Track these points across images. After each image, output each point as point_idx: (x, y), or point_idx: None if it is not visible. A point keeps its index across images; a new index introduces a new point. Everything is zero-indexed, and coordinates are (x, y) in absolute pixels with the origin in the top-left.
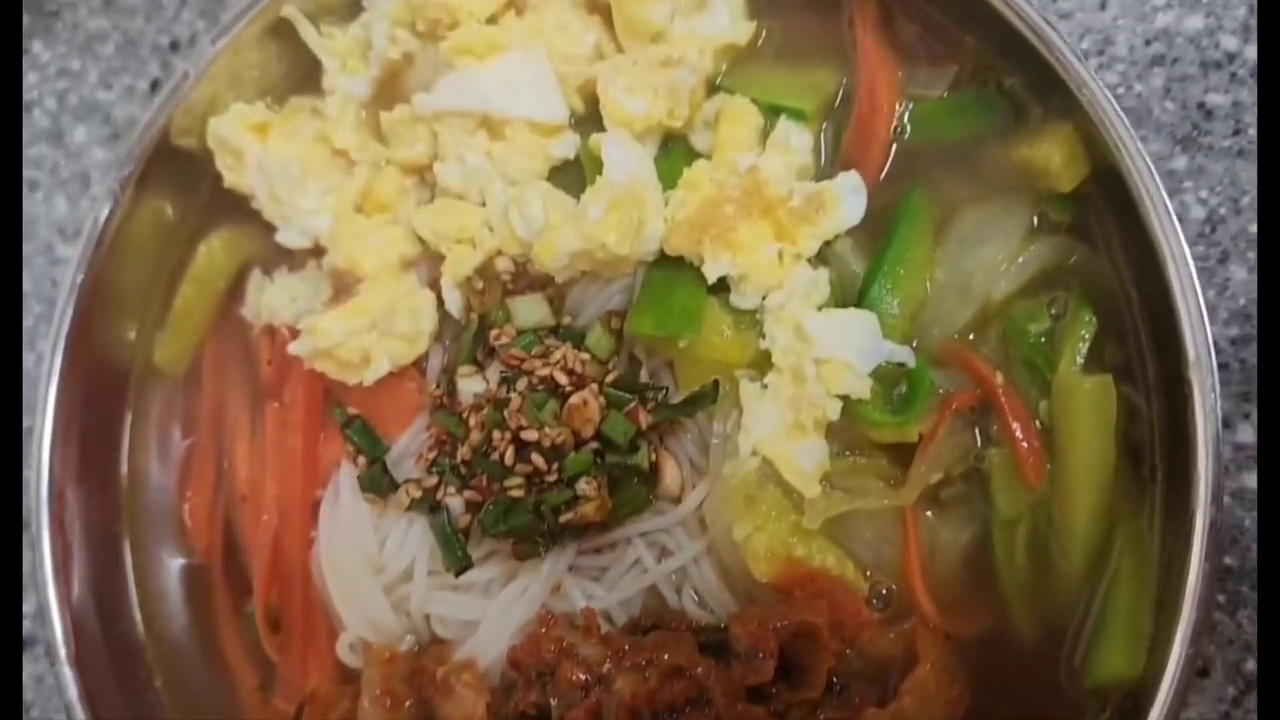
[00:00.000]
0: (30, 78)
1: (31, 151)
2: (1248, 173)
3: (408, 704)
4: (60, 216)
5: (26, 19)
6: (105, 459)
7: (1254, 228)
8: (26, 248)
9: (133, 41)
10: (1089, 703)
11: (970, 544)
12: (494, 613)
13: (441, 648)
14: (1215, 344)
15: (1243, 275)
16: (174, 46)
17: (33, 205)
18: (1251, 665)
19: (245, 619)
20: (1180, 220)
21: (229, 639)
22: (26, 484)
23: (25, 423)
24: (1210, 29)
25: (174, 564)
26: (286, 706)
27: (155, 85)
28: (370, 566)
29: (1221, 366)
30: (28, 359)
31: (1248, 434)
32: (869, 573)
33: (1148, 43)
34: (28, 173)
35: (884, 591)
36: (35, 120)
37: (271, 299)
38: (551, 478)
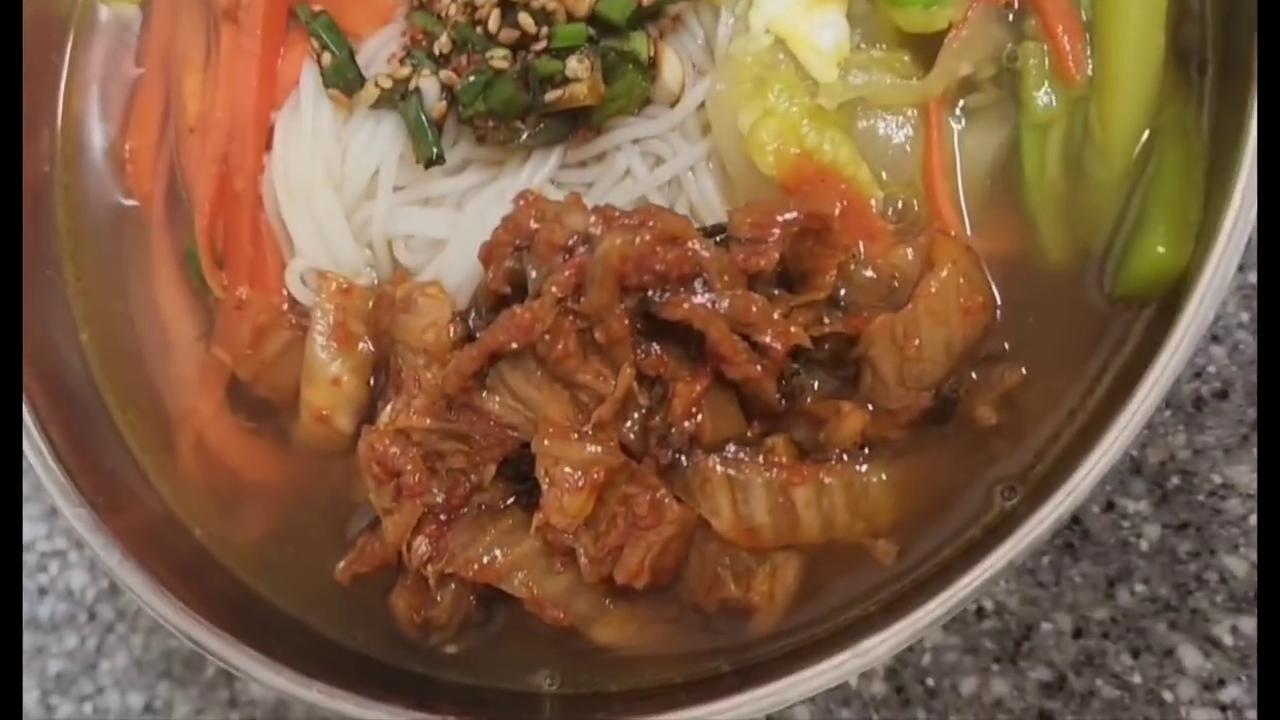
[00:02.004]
0: None
1: None
2: None
3: (361, 346)
4: None
5: None
6: (41, 99)
7: None
8: None
9: None
10: (1123, 311)
11: (997, 153)
12: (465, 224)
13: (403, 273)
14: None
15: None
16: None
17: None
18: None
19: (187, 260)
20: None
21: (165, 288)
22: None
23: None
24: None
25: (110, 205)
26: (226, 356)
27: None
28: (330, 180)
29: None
30: None
31: None
32: (885, 176)
33: None
34: None
35: (899, 204)
36: None
37: None
38: (539, 45)
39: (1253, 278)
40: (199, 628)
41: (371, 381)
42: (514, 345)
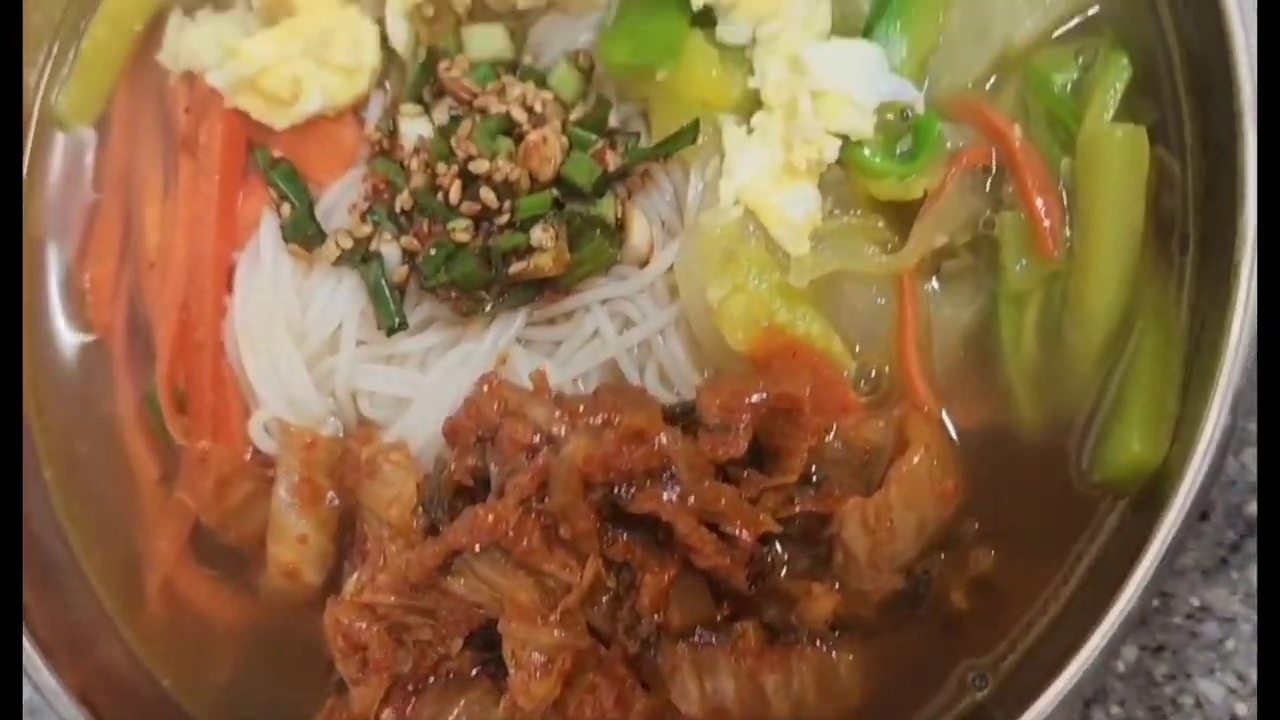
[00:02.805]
0: None
1: None
2: None
3: (329, 497)
4: None
5: None
6: None
7: None
8: None
9: None
10: (1098, 498)
11: (973, 323)
12: (430, 384)
13: (369, 430)
14: None
15: None
16: None
17: None
18: (1252, 508)
19: (148, 401)
20: None
21: (128, 426)
22: None
23: None
24: None
25: (70, 341)
26: (190, 500)
27: None
28: (291, 333)
29: None
30: None
31: None
32: (857, 349)
33: None
34: None
35: (873, 374)
36: None
37: (193, 41)
38: (503, 219)
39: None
40: None
41: (338, 535)
42: (476, 546)
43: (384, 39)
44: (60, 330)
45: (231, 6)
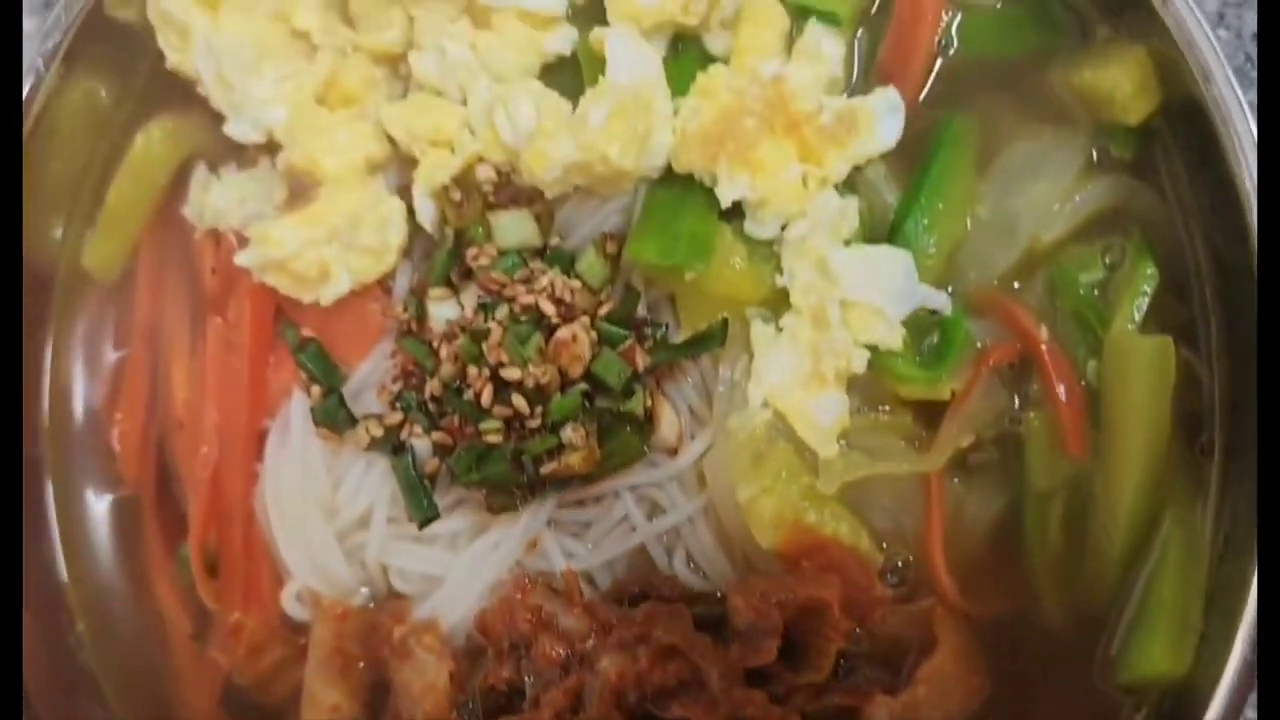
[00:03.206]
0: None
1: None
2: None
3: (360, 665)
4: None
5: None
6: (26, 374)
7: None
8: None
9: None
10: (1123, 700)
11: (999, 517)
12: (461, 569)
13: (400, 603)
14: None
15: None
16: None
17: None
18: None
19: (179, 560)
20: None
21: (161, 582)
22: None
23: None
24: None
25: (101, 496)
26: (223, 659)
27: None
28: (322, 510)
29: None
30: None
31: None
32: (885, 544)
33: None
34: None
35: (900, 565)
36: None
37: (217, 199)
38: (534, 423)
39: None
40: None
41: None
42: None
43: (409, 214)
44: (90, 485)
45: (255, 164)
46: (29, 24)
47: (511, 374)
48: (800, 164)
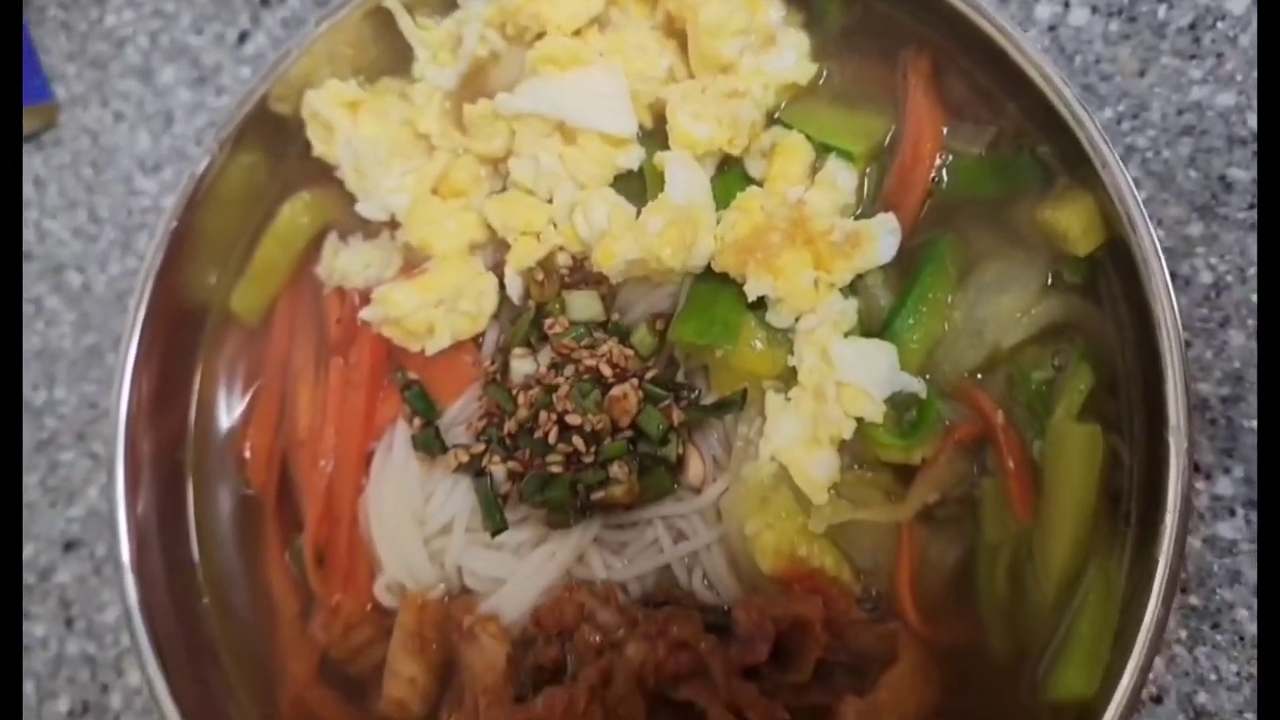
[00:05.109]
0: (126, 14)
1: (121, 85)
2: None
3: (434, 646)
4: (142, 150)
5: None
6: (178, 391)
7: (1255, 297)
8: (107, 174)
9: None
10: (1046, 715)
11: (957, 562)
12: (522, 572)
13: (469, 598)
14: (1206, 400)
15: (1240, 340)
16: (265, 1)
17: (117, 136)
18: (1203, 698)
19: (292, 552)
20: (1188, 283)
21: (274, 568)
22: (109, 409)
23: (110, 355)
24: (1240, 106)
25: (231, 494)
26: (321, 637)
27: (244, 37)
28: (414, 518)
29: (1210, 422)
30: (98, 282)
31: (1226, 487)
32: (862, 576)
33: (1180, 113)
34: (116, 105)
35: (874, 594)
36: (127, 56)
37: (345, 263)
38: (588, 459)
39: (1194, 599)
40: None
41: (441, 676)
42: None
43: (500, 287)
44: (223, 485)
45: (378, 236)
46: (188, 95)
47: (574, 420)
48: (813, 270)
